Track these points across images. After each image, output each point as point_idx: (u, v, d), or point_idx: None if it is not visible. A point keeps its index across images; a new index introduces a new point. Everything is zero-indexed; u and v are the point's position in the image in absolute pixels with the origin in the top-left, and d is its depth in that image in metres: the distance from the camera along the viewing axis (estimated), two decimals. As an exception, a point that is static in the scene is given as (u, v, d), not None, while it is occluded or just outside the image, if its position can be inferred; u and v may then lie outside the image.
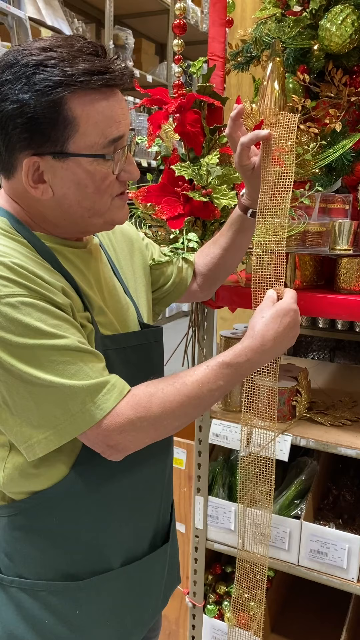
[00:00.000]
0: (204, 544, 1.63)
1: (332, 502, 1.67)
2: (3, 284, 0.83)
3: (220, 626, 1.65)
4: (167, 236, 1.43)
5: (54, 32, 3.24)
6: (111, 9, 3.74)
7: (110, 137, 0.89)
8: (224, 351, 0.97)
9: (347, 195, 1.46)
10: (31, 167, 0.88)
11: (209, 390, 0.93)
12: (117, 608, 1.04)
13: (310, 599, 1.86)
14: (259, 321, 0.98)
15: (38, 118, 0.84)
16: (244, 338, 0.97)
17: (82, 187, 0.90)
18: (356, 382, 1.82)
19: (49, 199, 0.91)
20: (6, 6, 2.82)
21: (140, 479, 1.04)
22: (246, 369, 0.96)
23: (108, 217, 0.96)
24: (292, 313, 0.99)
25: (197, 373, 0.93)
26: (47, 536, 0.97)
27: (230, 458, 1.75)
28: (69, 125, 0.86)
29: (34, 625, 0.98)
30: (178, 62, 1.51)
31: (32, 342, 0.84)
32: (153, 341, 1.08)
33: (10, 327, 0.83)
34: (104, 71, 0.86)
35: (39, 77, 0.84)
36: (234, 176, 1.34)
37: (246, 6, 2.20)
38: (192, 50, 3.36)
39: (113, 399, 0.88)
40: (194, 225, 1.39)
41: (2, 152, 0.89)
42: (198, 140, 1.37)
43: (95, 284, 1.01)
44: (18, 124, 0.85)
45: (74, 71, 0.84)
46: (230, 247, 1.23)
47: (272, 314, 0.98)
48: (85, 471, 0.96)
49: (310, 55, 1.54)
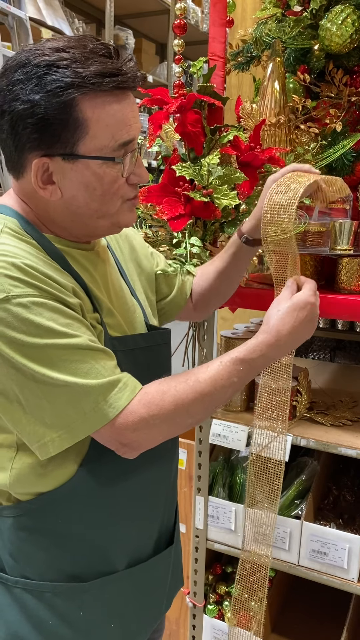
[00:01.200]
0: (204, 544, 1.63)
1: (333, 502, 1.67)
2: (14, 284, 0.83)
3: (220, 626, 1.65)
4: (168, 236, 1.43)
5: (54, 32, 3.24)
6: (111, 9, 3.74)
7: (120, 140, 0.89)
8: (238, 346, 0.95)
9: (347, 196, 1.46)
10: (40, 167, 0.88)
11: (222, 387, 0.92)
12: (121, 610, 1.04)
13: (310, 599, 1.86)
14: (275, 315, 0.96)
15: (48, 119, 0.84)
16: (258, 332, 0.95)
17: (90, 189, 0.90)
18: (356, 382, 1.82)
19: (57, 200, 0.91)
20: (6, 6, 2.82)
21: (146, 481, 1.04)
22: (260, 364, 0.95)
23: (115, 219, 0.95)
24: (310, 307, 0.96)
25: (210, 370, 0.93)
26: (52, 537, 0.97)
27: (231, 458, 1.75)
28: (80, 127, 0.86)
29: (37, 626, 0.98)
30: (178, 62, 1.51)
31: (44, 341, 0.84)
32: (162, 343, 1.08)
33: (22, 328, 0.83)
34: (116, 73, 0.86)
35: (50, 77, 0.83)
36: (235, 176, 1.34)
37: (246, 6, 2.19)
38: (193, 50, 3.36)
39: (125, 397, 0.88)
40: (195, 226, 1.39)
41: (12, 152, 0.89)
42: (199, 140, 1.37)
43: (102, 285, 1.01)
44: (28, 124, 0.85)
45: (85, 73, 0.84)
46: (225, 271, 1.21)
47: (288, 308, 0.95)
48: (92, 473, 0.96)
49: (310, 55, 1.54)
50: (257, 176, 1.41)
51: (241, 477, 1.66)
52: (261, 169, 1.42)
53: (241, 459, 1.72)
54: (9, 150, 0.90)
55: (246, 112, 1.57)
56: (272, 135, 1.51)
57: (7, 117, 0.86)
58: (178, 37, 1.49)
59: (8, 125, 0.87)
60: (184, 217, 1.32)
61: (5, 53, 2.73)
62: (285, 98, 1.52)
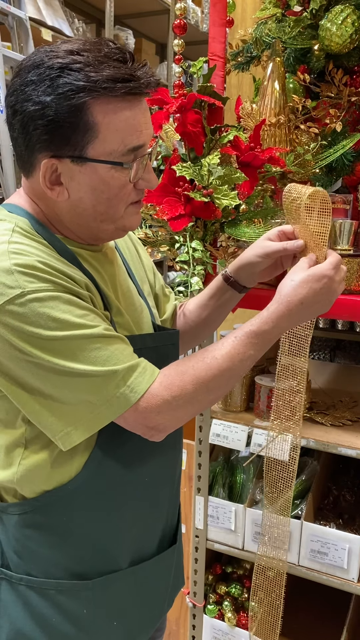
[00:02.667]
0: (204, 544, 1.63)
1: (333, 502, 1.67)
2: (28, 280, 0.84)
3: (220, 626, 1.65)
4: (168, 236, 1.43)
5: (54, 32, 3.23)
6: (111, 9, 3.73)
7: (130, 145, 0.89)
8: (251, 319, 0.95)
9: (347, 195, 1.46)
10: (49, 168, 0.89)
11: (240, 360, 0.93)
12: (124, 608, 1.04)
13: (310, 599, 1.86)
14: (288, 285, 0.95)
15: (59, 121, 0.85)
16: (270, 303, 0.95)
17: (97, 192, 0.91)
18: (356, 382, 1.82)
19: (64, 201, 0.92)
20: (6, 6, 2.82)
21: (151, 479, 1.05)
22: (275, 334, 0.95)
23: (120, 223, 0.96)
24: (326, 280, 0.95)
25: (226, 345, 0.93)
26: (56, 535, 0.98)
27: (231, 458, 1.75)
28: (90, 131, 0.86)
29: (41, 623, 0.99)
30: (178, 62, 1.51)
31: (62, 334, 0.85)
32: (169, 344, 1.08)
33: (39, 322, 0.84)
34: (129, 79, 0.86)
35: (62, 80, 0.84)
36: (235, 176, 1.34)
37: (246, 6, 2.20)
38: (193, 50, 3.36)
39: (146, 380, 0.89)
40: (195, 226, 1.39)
41: (22, 150, 0.90)
42: (199, 140, 1.37)
43: (111, 285, 1.02)
44: (39, 125, 0.86)
45: (97, 77, 0.84)
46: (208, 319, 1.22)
47: (301, 279, 0.95)
48: (98, 471, 0.96)
49: (310, 55, 1.54)
50: (257, 176, 1.41)
51: (241, 477, 1.66)
52: (261, 169, 1.42)
53: (241, 459, 1.72)
54: (20, 149, 0.91)
55: (246, 112, 1.57)
56: (272, 135, 1.51)
57: (19, 117, 0.87)
58: (178, 37, 1.49)
59: (19, 124, 0.88)
60: (184, 217, 1.32)
61: (5, 53, 2.73)
62: (285, 98, 1.52)
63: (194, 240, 1.36)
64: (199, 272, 1.33)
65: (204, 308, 1.22)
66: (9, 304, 0.83)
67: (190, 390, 0.91)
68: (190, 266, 1.33)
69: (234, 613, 1.64)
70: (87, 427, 0.89)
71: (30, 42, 2.94)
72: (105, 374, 0.87)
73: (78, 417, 0.88)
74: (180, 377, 0.91)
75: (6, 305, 0.83)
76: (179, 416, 0.93)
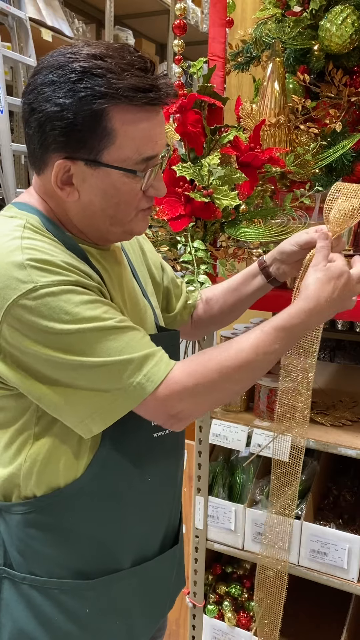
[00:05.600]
0: (204, 544, 1.63)
1: (333, 502, 1.67)
2: (41, 274, 0.85)
3: (220, 626, 1.65)
4: (168, 237, 1.43)
5: (54, 32, 3.24)
6: (111, 9, 3.73)
7: (144, 154, 0.90)
8: (277, 314, 0.96)
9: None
10: (62, 169, 0.89)
11: (265, 354, 0.93)
12: (127, 608, 1.04)
13: (310, 599, 1.86)
14: (314, 282, 0.97)
15: (77, 124, 0.86)
16: (297, 299, 0.97)
17: (108, 196, 0.92)
18: (356, 382, 1.83)
19: (73, 201, 0.92)
20: (6, 6, 2.82)
21: (155, 479, 1.05)
22: (300, 330, 0.97)
23: (128, 227, 0.97)
24: (346, 275, 0.99)
25: (252, 338, 0.94)
26: (60, 534, 0.98)
27: (231, 458, 1.75)
28: (107, 137, 0.87)
29: (43, 622, 0.99)
30: (178, 63, 1.51)
31: (76, 327, 0.85)
32: (170, 344, 1.09)
33: (52, 316, 0.84)
34: (150, 89, 0.87)
35: (84, 84, 0.84)
36: (235, 177, 1.34)
37: (246, 6, 2.20)
38: (193, 50, 3.36)
39: (162, 370, 0.89)
40: (195, 226, 1.39)
41: (36, 148, 0.91)
42: (199, 140, 1.37)
43: (117, 285, 1.02)
44: (56, 127, 0.86)
45: (120, 85, 0.85)
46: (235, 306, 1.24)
47: (326, 275, 0.97)
48: (102, 471, 0.96)
49: (310, 56, 1.55)
50: (257, 176, 1.41)
51: (241, 477, 1.66)
52: (261, 169, 1.42)
53: (241, 459, 1.72)
54: (33, 146, 0.91)
55: (246, 113, 1.58)
56: (272, 135, 1.52)
57: (37, 115, 0.87)
58: (178, 38, 1.49)
59: (36, 123, 0.88)
60: (184, 218, 1.33)
61: (5, 53, 2.73)
62: (285, 98, 1.53)
63: (195, 240, 1.36)
64: (204, 270, 1.33)
65: (232, 291, 1.23)
66: (22, 299, 0.84)
67: (214, 378, 0.91)
68: (195, 266, 1.32)
69: (233, 613, 1.64)
70: (105, 417, 0.89)
71: (30, 43, 2.94)
72: (120, 363, 0.87)
73: (96, 407, 0.88)
74: (204, 364, 0.91)
75: (20, 299, 0.84)
76: (200, 404, 0.93)
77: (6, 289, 0.84)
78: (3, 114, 2.63)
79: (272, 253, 1.17)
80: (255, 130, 1.42)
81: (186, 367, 0.91)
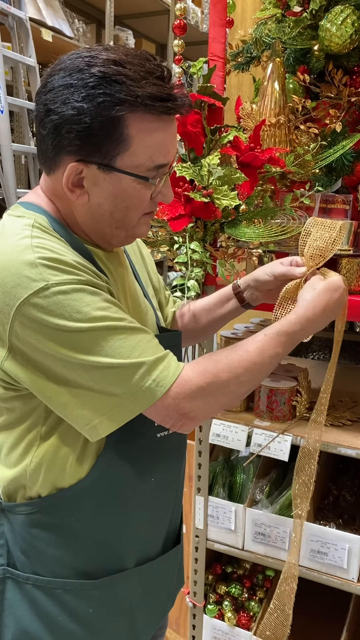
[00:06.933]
0: (204, 544, 1.63)
1: (333, 502, 1.67)
2: (52, 273, 0.85)
3: (220, 626, 1.65)
4: (168, 237, 1.43)
5: (54, 32, 3.24)
6: (111, 9, 3.73)
7: (157, 162, 0.91)
8: (278, 321, 1.00)
9: (347, 196, 1.46)
10: (74, 171, 0.90)
11: (269, 356, 0.96)
12: (130, 607, 1.05)
13: (310, 599, 1.86)
14: (310, 292, 1.02)
15: (94, 129, 0.86)
16: (297, 308, 1.01)
17: (118, 200, 0.93)
18: (356, 382, 1.83)
19: (82, 203, 0.93)
20: (6, 6, 2.82)
21: (158, 479, 1.05)
22: (299, 337, 1.00)
23: (132, 231, 0.98)
24: (342, 289, 1.03)
25: (257, 341, 0.96)
26: (64, 535, 0.98)
27: (231, 458, 1.75)
28: (122, 143, 0.88)
29: (47, 622, 0.99)
30: (178, 63, 1.52)
31: (87, 325, 0.85)
32: (172, 345, 1.09)
33: (63, 314, 0.85)
34: (167, 98, 0.88)
35: (103, 90, 0.85)
36: (235, 177, 1.34)
37: (246, 6, 2.20)
38: (193, 50, 3.36)
39: (171, 374, 0.90)
40: (195, 227, 1.39)
41: (48, 149, 0.91)
42: (199, 140, 1.37)
43: (120, 286, 1.03)
44: (73, 130, 0.87)
45: (138, 92, 0.85)
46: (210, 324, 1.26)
47: (323, 287, 1.02)
48: (106, 472, 0.97)
49: (310, 56, 1.55)
50: (257, 176, 1.41)
51: (241, 477, 1.67)
52: (261, 169, 1.42)
53: (241, 459, 1.72)
54: (46, 147, 0.91)
55: (246, 113, 1.58)
56: (272, 135, 1.52)
57: (53, 117, 0.88)
58: (178, 38, 1.49)
59: (52, 125, 0.88)
60: (184, 218, 1.33)
61: (5, 53, 2.73)
62: (285, 98, 1.53)
63: (193, 241, 1.37)
64: (196, 274, 1.33)
65: (207, 311, 1.25)
66: (33, 297, 0.84)
67: (223, 379, 0.92)
68: (189, 268, 1.33)
69: (233, 613, 1.64)
70: (114, 419, 0.89)
71: (31, 43, 2.94)
72: (130, 366, 0.87)
73: (105, 409, 0.88)
74: (214, 364, 0.93)
75: (31, 298, 0.84)
76: (210, 404, 0.94)
77: (17, 288, 0.84)
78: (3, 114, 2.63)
79: (247, 279, 1.21)
80: (255, 130, 1.42)
81: (196, 367, 0.92)
